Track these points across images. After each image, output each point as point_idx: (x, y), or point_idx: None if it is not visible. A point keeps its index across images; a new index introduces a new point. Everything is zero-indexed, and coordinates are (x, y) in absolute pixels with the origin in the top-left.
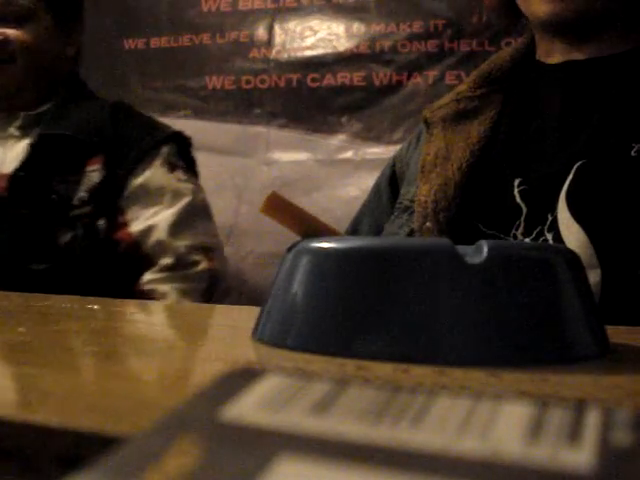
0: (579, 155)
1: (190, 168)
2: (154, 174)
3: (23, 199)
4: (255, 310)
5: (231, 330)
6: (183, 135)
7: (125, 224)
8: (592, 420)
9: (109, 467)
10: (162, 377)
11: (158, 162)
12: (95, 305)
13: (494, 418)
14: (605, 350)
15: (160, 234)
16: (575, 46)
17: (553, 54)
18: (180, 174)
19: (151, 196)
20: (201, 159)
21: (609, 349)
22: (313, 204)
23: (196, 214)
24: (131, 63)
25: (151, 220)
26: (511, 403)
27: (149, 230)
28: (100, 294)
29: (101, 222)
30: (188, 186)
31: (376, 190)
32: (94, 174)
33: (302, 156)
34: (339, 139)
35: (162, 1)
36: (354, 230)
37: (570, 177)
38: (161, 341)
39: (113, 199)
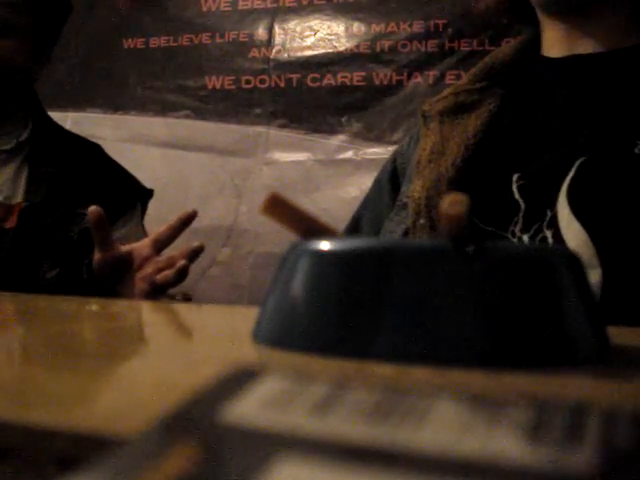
0: (581, 151)
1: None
2: (129, 232)
3: (30, 231)
4: (255, 310)
5: (231, 330)
6: (150, 191)
7: None
8: (592, 420)
9: (109, 467)
10: (162, 377)
11: (135, 220)
12: (94, 306)
13: (494, 419)
14: (606, 351)
15: None
16: (579, 35)
17: (557, 46)
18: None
19: None
20: (201, 159)
21: (610, 350)
22: (313, 204)
23: None
24: (130, 63)
25: None
26: (511, 404)
27: None
28: None
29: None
30: None
31: (377, 185)
32: (85, 218)
33: (302, 156)
34: (339, 139)
35: (162, 1)
36: (355, 224)
37: (571, 174)
38: (161, 341)
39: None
